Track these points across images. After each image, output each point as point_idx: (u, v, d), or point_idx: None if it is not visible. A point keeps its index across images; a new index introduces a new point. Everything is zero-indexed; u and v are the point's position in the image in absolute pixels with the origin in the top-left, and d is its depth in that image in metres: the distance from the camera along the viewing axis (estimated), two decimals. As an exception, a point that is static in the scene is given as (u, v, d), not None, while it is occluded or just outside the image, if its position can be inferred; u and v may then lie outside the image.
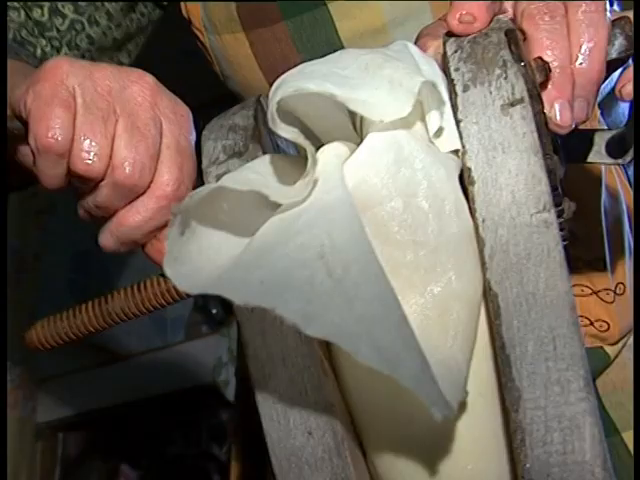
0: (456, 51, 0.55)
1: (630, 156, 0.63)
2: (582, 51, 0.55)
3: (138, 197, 0.56)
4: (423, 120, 0.53)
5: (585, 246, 0.79)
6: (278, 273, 0.44)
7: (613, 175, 0.84)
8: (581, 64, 0.55)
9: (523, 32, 0.57)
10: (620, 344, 0.80)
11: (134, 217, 0.56)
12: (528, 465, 0.45)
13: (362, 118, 0.54)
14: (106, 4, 0.90)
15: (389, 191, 0.50)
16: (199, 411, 2.05)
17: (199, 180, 0.57)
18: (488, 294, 0.49)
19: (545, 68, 0.55)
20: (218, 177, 0.54)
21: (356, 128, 0.55)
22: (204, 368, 1.97)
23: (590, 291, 0.80)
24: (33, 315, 1.86)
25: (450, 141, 0.52)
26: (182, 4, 0.90)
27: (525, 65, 0.53)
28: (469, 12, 0.55)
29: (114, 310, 0.65)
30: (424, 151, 0.51)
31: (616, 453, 0.79)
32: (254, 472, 0.93)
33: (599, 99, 0.82)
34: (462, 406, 0.49)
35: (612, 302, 0.80)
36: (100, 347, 2.03)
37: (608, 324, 0.79)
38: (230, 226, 0.50)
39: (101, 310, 0.65)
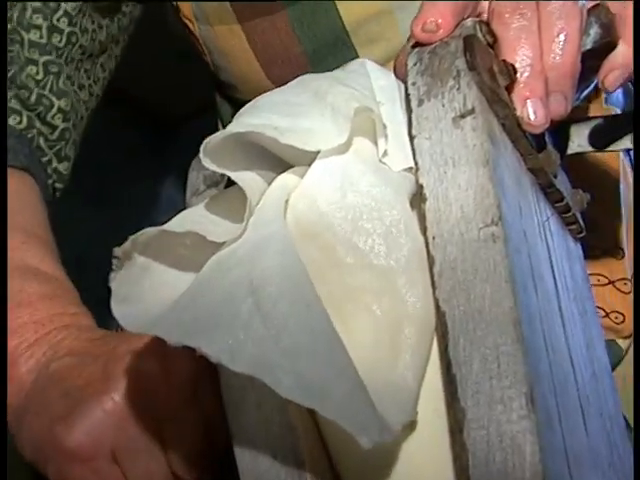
0: (415, 64, 0.55)
1: (620, 145, 0.61)
2: (553, 45, 0.54)
3: None
4: (375, 140, 0.53)
5: (602, 234, 0.77)
6: (208, 311, 0.46)
7: (624, 166, 0.80)
8: (553, 58, 0.54)
9: (493, 33, 0.57)
10: (632, 338, 0.78)
11: None
12: (471, 485, 0.46)
13: None
14: (89, 9, 0.88)
15: (336, 216, 0.51)
16: None
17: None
18: (437, 312, 0.49)
19: (508, 70, 0.54)
20: None
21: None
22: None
23: (607, 280, 0.77)
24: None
25: (401, 159, 0.52)
26: None
27: (479, 73, 0.52)
28: (433, 20, 0.54)
29: None
30: (371, 173, 0.51)
31: None
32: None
33: None
34: (418, 425, 0.50)
35: (629, 292, 0.77)
36: None
37: (624, 316, 0.76)
38: (189, 262, 0.52)
39: None
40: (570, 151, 0.63)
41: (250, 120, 0.52)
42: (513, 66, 0.54)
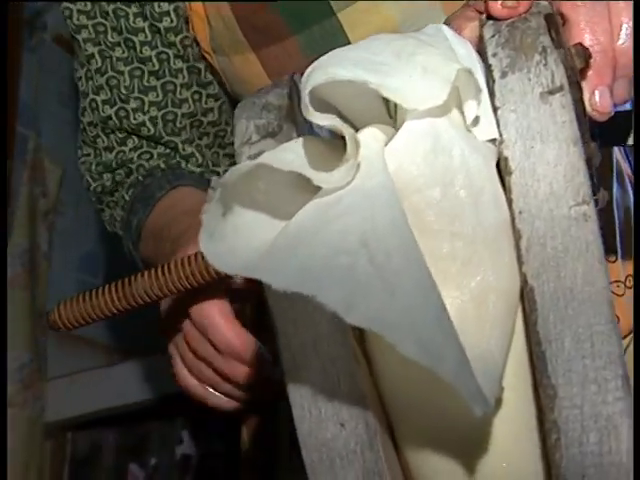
0: (494, 35, 0.53)
1: None
2: (623, 30, 0.54)
3: None
4: (460, 107, 0.51)
5: None
6: (318, 259, 0.43)
7: (621, 165, 0.82)
8: (623, 43, 0.54)
9: (562, 16, 0.56)
10: (628, 339, 0.79)
11: None
12: (563, 465, 0.44)
13: (397, 104, 0.53)
14: (173, 80, 0.94)
15: (426, 179, 0.49)
16: (207, 411, 2.03)
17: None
18: (524, 287, 0.47)
19: (585, 54, 0.54)
20: (251, 158, 0.53)
21: (390, 114, 0.54)
22: (212, 368, 1.98)
23: None
24: (42, 315, 1.85)
25: (487, 129, 0.50)
26: (191, 26, 0.91)
27: (565, 52, 0.52)
28: None
29: (137, 292, 0.64)
30: (462, 139, 0.50)
31: None
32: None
33: None
34: (497, 402, 0.48)
35: (622, 295, 0.79)
36: (109, 347, 2.06)
37: (618, 318, 0.77)
38: (265, 207, 0.49)
39: (124, 291, 0.65)
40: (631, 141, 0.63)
41: (335, 71, 0.49)
42: (588, 51, 0.54)
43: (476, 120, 0.51)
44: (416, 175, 0.49)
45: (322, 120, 0.48)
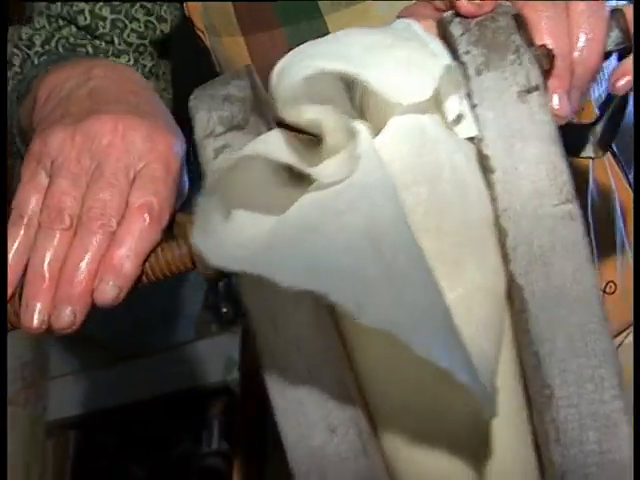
0: (463, 34, 0.53)
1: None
2: (582, 41, 0.54)
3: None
4: (439, 105, 0.50)
5: None
6: (325, 256, 0.41)
7: (605, 170, 0.83)
8: (580, 54, 0.54)
9: (523, 17, 0.56)
10: (620, 337, 0.80)
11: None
12: (565, 465, 0.44)
13: (362, 99, 0.52)
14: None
15: (414, 176, 0.47)
16: (210, 410, 2.01)
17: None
18: (512, 286, 0.47)
19: (550, 56, 0.54)
20: (216, 150, 0.50)
21: (355, 108, 0.53)
22: (215, 367, 1.96)
23: None
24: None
25: (468, 127, 0.50)
26: (185, 4, 0.89)
27: (536, 50, 0.52)
28: None
29: None
30: (446, 136, 0.49)
31: None
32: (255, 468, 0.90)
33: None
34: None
35: (613, 293, 0.80)
36: (111, 346, 2.01)
37: None
38: (253, 200, 0.46)
39: None
40: (584, 154, 0.64)
41: (326, 63, 0.47)
42: (552, 52, 0.54)
43: (458, 119, 0.50)
44: (403, 172, 0.47)
45: (315, 113, 0.46)
